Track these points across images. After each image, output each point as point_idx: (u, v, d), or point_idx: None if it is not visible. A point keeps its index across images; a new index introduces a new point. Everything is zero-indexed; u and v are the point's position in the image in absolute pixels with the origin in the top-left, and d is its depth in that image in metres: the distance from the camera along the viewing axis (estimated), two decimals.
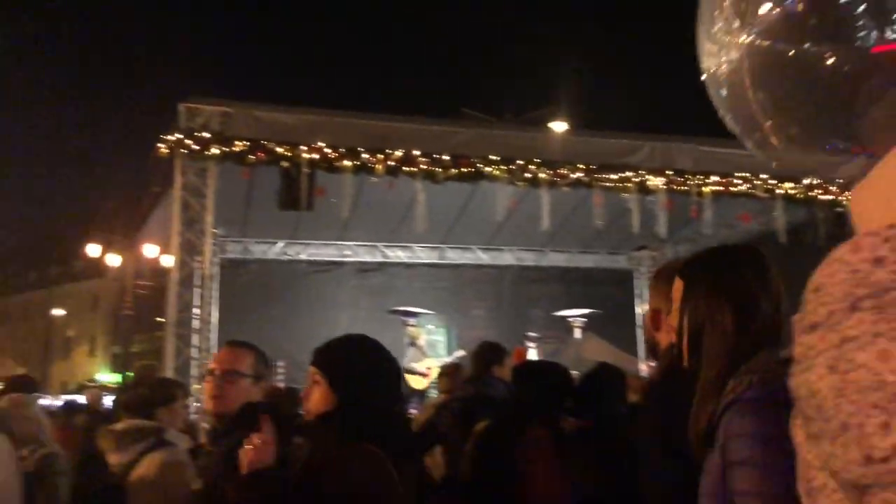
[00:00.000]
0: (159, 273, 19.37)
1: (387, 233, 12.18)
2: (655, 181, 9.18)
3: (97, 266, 24.98)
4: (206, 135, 8.62)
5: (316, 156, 8.67)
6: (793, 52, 1.66)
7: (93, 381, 26.57)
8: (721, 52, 1.86)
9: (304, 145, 8.72)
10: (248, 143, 8.56)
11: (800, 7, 1.68)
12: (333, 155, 8.72)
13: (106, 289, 39.29)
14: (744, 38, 1.71)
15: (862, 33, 1.51)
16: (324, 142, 8.77)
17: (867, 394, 0.47)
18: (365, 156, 8.76)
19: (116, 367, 33.40)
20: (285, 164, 8.67)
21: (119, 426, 3.11)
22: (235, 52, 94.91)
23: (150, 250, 18.44)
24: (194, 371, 8.72)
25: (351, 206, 9.28)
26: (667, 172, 9.25)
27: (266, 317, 13.02)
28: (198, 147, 8.52)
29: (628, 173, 9.13)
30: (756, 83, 1.74)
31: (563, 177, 8.93)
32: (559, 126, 13.57)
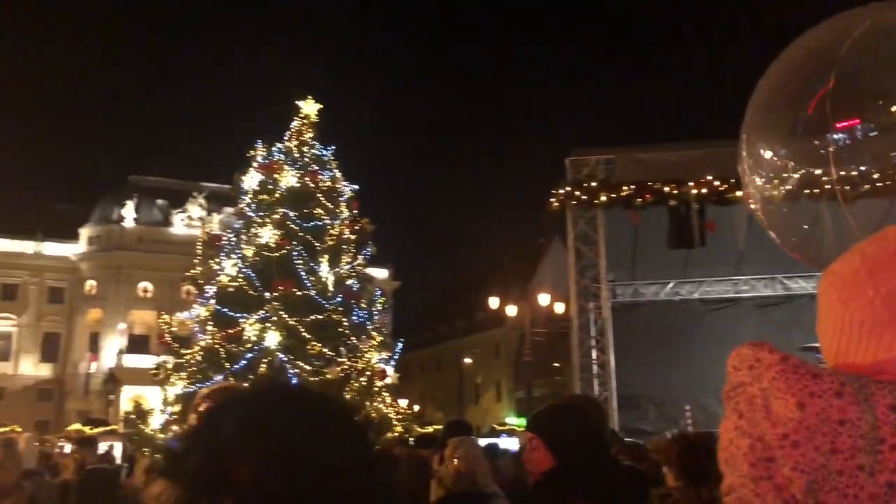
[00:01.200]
0: (552, 320, 20.33)
1: (789, 263, 11.17)
2: None
3: (497, 316, 27.15)
4: (593, 184, 8.88)
5: (704, 190, 8.36)
6: None
7: (503, 424, 28.71)
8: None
9: (692, 181, 8.47)
10: (634, 187, 8.62)
11: None
12: (723, 187, 8.31)
13: (506, 337, 42.64)
14: None
15: None
16: (712, 175, 8.42)
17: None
18: None
19: (520, 411, 35.70)
20: (673, 202, 8.52)
21: None
22: (614, 99, 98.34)
23: (542, 299, 19.45)
24: None
25: (746, 238, 8.75)
26: None
27: (661, 359, 12.76)
28: (586, 197, 8.83)
29: None
30: None
31: None
32: None
